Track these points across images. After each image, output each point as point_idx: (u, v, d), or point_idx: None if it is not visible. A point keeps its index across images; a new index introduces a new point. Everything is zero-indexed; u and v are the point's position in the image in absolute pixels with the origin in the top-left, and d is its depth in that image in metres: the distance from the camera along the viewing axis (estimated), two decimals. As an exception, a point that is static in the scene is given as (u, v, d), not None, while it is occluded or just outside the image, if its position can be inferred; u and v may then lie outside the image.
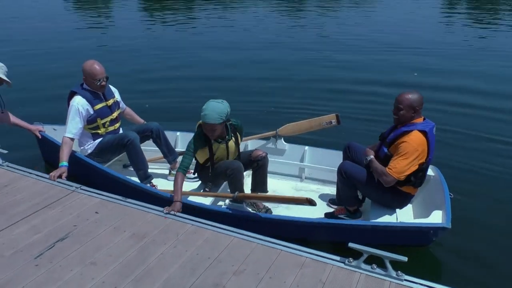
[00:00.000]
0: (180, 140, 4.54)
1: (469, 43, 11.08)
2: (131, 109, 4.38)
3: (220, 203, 3.79)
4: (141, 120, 4.34)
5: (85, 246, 2.78)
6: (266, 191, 3.81)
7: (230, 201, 3.38)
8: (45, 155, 4.57)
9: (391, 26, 13.56)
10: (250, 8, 17.73)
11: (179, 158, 3.99)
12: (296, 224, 3.29)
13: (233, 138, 3.61)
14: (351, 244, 2.65)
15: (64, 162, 3.63)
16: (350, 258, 2.66)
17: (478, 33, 12.44)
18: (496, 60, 9.20)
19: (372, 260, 2.61)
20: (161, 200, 3.38)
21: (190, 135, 3.60)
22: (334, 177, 3.67)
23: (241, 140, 3.79)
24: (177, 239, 2.88)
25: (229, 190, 3.59)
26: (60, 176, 3.54)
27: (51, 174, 3.56)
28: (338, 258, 2.71)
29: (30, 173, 3.68)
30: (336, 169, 3.52)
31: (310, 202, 2.96)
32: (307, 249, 2.78)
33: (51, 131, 4.46)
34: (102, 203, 3.29)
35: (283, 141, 4.31)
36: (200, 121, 3.43)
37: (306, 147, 4.28)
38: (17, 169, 3.75)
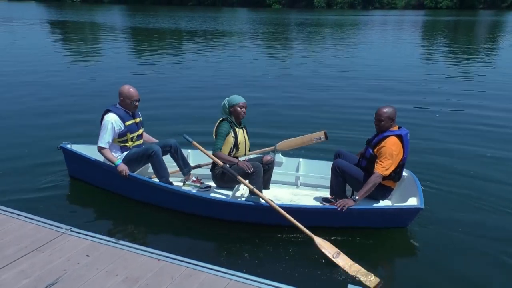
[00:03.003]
0: (191, 156, 5.04)
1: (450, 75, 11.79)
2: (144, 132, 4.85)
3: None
4: (155, 140, 4.82)
5: (76, 291, 2.67)
6: (268, 188, 4.56)
7: (249, 194, 4.06)
8: (72, 170, 4.93)
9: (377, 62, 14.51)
10: (239, 47, 18.28)
11: (193, 171, 4.65)
12: (303, 211, 3.85)
13: (244, 128, 4.45)
14: (350, 286, 2.61)
15: (118, 161, 4.29)
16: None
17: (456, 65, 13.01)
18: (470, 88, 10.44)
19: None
20: (185, 198, 4.12)
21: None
22: (324, 182, 4.61)
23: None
24: (172, 283, 2.80)
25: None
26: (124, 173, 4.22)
27: (122, 172, 4.18)
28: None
29: (18, 214, 3.57)
30: (325, 175, 4.50)
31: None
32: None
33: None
34: (93, 246, 3.20)
35: (281, 155, 4.90)
36: (221, 118, 4.33)
37: (300, 159, 4.91)
38: (4, 210, 3.65)
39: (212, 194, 4.24)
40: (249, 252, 3.70)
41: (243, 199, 4.15)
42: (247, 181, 4.06)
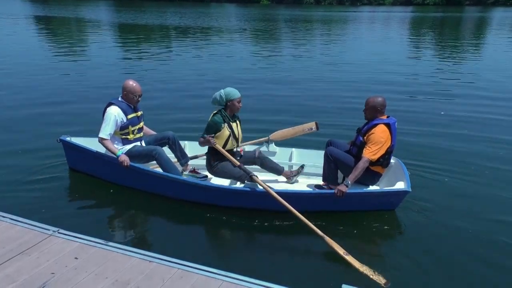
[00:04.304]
0: (188, 147, 5.18)
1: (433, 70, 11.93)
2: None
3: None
4: (154, 133, 4.97)
5: (64, 295, 2.61)
6: (281, 168, 4.71)
7: (247, 181, 4.16)
8: (72, 162, 4.99)
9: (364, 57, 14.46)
10: (229, 42, 18.19)
11: (190, 162, 4.80)
12: (297, 196, 4.00)
13: (238, 120, 4.48)
14: (344, 286, 2.60)
15: (119, 152, 4.39)
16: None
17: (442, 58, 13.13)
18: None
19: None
20: (184, 185, 4.25)
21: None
22: (316, 170, 4.80)
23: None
24: (163, 285, 2.75)
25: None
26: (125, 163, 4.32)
27: (123, 163, 4.28)
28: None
29: (4, 216, 3.48)
30: (317, 164, 4.74)
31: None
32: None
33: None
34: (81, 248, 3.13)
35: (274, 145, 5.09)
36: (215, 111, 4.36)
37: (293, 149, 5.11)
38: (-11, 212, 3.56)
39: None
40: (242, 251, 3.70)
41: (242, 185, 4.26)
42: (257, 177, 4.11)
